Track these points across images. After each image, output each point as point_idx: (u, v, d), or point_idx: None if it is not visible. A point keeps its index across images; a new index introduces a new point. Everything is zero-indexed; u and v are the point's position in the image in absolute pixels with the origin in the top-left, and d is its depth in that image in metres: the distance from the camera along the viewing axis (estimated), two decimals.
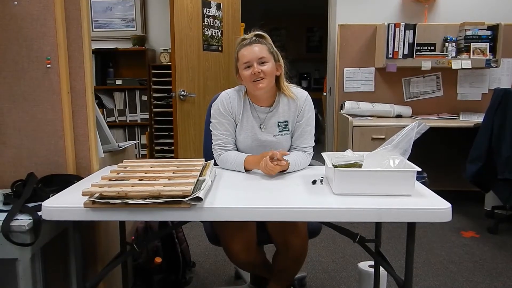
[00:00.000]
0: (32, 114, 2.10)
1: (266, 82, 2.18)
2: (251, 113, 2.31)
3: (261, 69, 2.16)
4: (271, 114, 2.30)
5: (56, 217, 1.62)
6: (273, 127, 2.30)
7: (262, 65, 2.17)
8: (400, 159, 1.82)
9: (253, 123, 2.29)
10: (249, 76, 2.18)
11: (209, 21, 4.35)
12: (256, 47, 2.19)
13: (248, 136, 2.29)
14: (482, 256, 3.40)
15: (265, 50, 2.19)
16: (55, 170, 2.12)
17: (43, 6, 2.02)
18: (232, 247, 2.18)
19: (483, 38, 4.52)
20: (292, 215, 1.63)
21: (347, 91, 4.95)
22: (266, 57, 2.18)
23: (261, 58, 2.17)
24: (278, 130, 2.30)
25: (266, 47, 2.21)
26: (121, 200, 1.55)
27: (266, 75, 2.17)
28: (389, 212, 1.58)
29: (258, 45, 2.20)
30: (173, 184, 1.65)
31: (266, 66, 2.18)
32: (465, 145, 4.19)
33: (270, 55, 2.20)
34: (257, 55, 2.17)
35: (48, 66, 2.06)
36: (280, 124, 2.29)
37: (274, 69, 2.22)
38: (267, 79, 2.18)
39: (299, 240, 2.19)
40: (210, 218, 1.63)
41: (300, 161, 2.21)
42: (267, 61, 2.18)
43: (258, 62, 2.17)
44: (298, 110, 2.30)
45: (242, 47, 2.22)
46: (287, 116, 2.30)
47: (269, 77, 2.19)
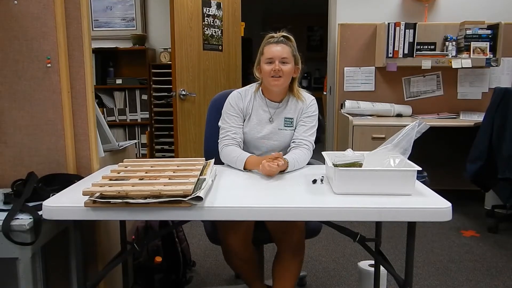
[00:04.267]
0: (32, 113, 2.10)
1: (282, 81, 2.33)
2: (262, 106, 2.43)
3: (281, 68, 2.29)
4: (280, 109, 2.43)
5: (56, 216, 1.62)
6: (280, 121, 2.42)
7: (283, 64, 2.30)
8: (401, 159, 1.82)
9: (263, 116, 2.42)
10: (269, 72, 2.31)
11: (209, 20, 4.35)
12: (281, 47, 2.33)
13: (256, 127, 2.41)
14: (482, 255, 3.40)
15: (288, 52, 2.33)
16: (55, 169, 2.12)
17: (43, 6, 2.02)
18: (229, 241, 2.22)
19: (483, 37, 4.52)
20: (292, 214, 1.64)
21: (347, 90, 4.95)
22: (288, 58, 2.32)
23: (284, 58, 2.30)
24: (283, 125, 2.41)
25: (290, 49, 2.35)
26: (121, 199, 1.55)
27: (284, 74, 2.31)
28: (390, 212, 1.58)
29: (284, 46, 2.33)
30: (174, 184, 1.65)
31: (287, 66, 2.31)
32: (465, 144, 4.19)
33: (292, 57, 2.34)
34: (280, 54, 2.30)
35: (49, 66, 2.06)
36: (287, 119, 2.41)
37: (292, 71, 2.36)
38: (284, 78, 2.32)
39: (297, 235, 2.21)
40: (210, 217, 1.63)
41: (299, 158, 2.25)
42: (288, 62, 2.32)
43: (280, 61, 2.30)
44: (304, 108, 2.43)
45: (269, 43, 2.36)
46: (293, 113, 2.42)
47: (286, 76, 2.33)
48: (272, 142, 2.40)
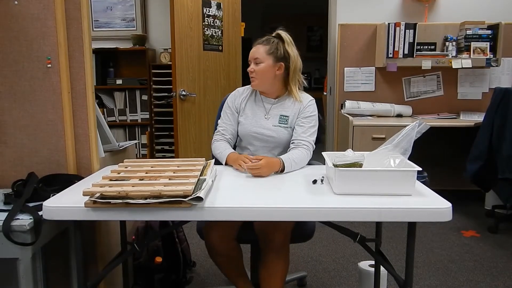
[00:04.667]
0: (32, 113, 2.10)
1: (257, 82, 2.40)
2: (258, 102, 2.49)
3: (254, 69, 2.37)
4: (275, 106, 2.46)
5: (57, 216, 1.62)
6: (275, 118, 2.44)
7: (256, 65, 2.37)
8: (401, 159, 1.82)
9: (258, 112, 2.47)
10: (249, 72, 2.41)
11: (209, 20, 4.35)
12: (256, 48, 2.38)
13: (251, 122, 2.45)
14: (483, 255, 3.40)
15: (262, 52, 2.36)
16: (55, 169, 2.13)
17: (43, 6, 2.02)
18: (210, 236, 2.25)
19: (484, 37, 4.52)
20: (293, 214, 1.64)
21: (347, 90, 4.95)
22: (260, 58, 2.36)
23: (255, 58, 2.37)
24: (278, 122, 2.42)
25: (265, 48, 2.37)
26: (122, 200, 1.55)
27: (258, 74, 2.37)
28: (390, 212, 1.58)
29: (259, 46, 2.38)
30: (174, 184, 1.65)
31: (259, 66, 2.36)
32: (466, 145, 4.19)
33: (267, 55, 2.36)
34: (253, 55, 2.38)
35: (49, 66, 2.06)
36: (282, 117, 2.43)
37: (270, 69, 2.37)
38: (259, 79, 2.38)
39: (279, 236, 2.20)
40: (211, 217, 1.63)
41: (297, 158, 2.25)
42: (261, 61, 2.36)
43: (254, 62, 2.38)
44: (301, 108, 2.43)
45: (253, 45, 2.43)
46: (289, 111, 2.43)
47: (259, 76, 2.38)
48: (266, 138, 2.41)
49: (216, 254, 2.30)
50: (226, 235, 2.26)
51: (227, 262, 2.33)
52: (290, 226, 2.23)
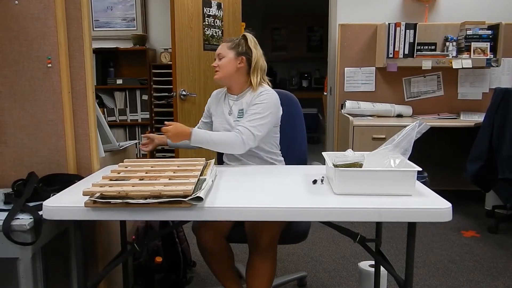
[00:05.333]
0: (32, 113, 2.10)
1: (220, 74, 2.49)
2: (225, 101, 2.59)
3: (217, 64, 2.49)
4: (237, 102, 2.53)
5: (57, 216, 1.62)
6: (236, 114, 2.51)
7: (219, 60, 2.49)
8: (401, 159, 1.82)
9: (224, 110, 2.56)
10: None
11: (209, 20, 4.35)
12: (220, 46, 2.52)
13: (220, 121, 2.56)
14: (483, 255, 3.40)
15: (224, 47, 2.50)
16: (56, 169, 2.12)
17: (43, 6, 2.02)
18: (199, 233, 2.29)
19: (484, 38, 4.52)
20: (293, 214, 1.64)
21: (347, 90, 4.95)
22: (222, 53, 2.48)
23: (218, 54, 2.50)
24: (237, 117, 2.50)
25: (227, 44, 2.50)
26: (122, 199, 1.55)
27: (220, 68, 2.48)
28: (390, 212, 1.58)
29: (223, 44, 2.52)
30: (174, 184, 1.65)
31: (221, 60, 2.48)
32: (466, 145, 4.19)
33: (229, 50, 2.48)
34: (217, 52, 2.52)
35: (49, 66, 2.06)
36: (240, 111, 2.50)
37: (232, 62, 2.47)
38: (221, 71, 2.48)
39: (266, 237, 2.20)
40: (210, 217, 1.63)
41: (217, 138, 2.33)
42: (223, 56, 2.48)
43: (218, 58, 2.50)
44: (254, 97, 2.46)
45: None
46: (246, 106, 2.48)
47: (222, 70, 2.48)
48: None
49: (206, 253, 2.32)
50: (217, 234, 2.29)
51: (217, 261, 2.34)
52: (277, 228, 2.24)
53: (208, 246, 2.29)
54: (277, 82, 9.40)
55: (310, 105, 8.09)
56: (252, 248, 2.27)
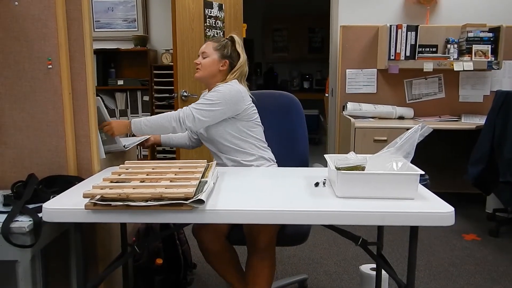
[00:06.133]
0: (33, 114, 2.09)
1: (201, 73, 2.51)
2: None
3: (200, 62, 2.50)
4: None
5: (56, 219, 1.61)
6: None
7: (203, 58, 2.50)
8: (403, 162, 1.81)
9: None
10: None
11: (211, 21, 4.34)
12: (206, 45, 2.53)
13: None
14: (483, 259, 3.39)
15: (210, 47, 2.50)
16: (56, 171, 2.11)
17: (44, 7, 2.01)
18: (200, 234, 2.28)
19: (485, 40, 4.52)
20: (294, 217, 1.62)
21: (349, 92, 4.95)
22: (207, 52, 2.49)
23: (203, 52, 2.50)
24: None
25: (213, 45, 2.51)
26: (122, 202, 1.54)
27: (202, 66, 2.49)
28: (392, 216, 1.57)
29: (209, 43, 2.53)
30: (175, 186, 1.64)
31: (205, 60, 2.49)
32: (467, 147, 4.18)
33: (214, 51, 2.49)
34: (201, 50, 2.52)
35: (49, 67, 2.05)
36: None
37: (214, 64, 2.49)
38: (202, 70, 2.50)
39: (264, 239, 2.20)
40: (212, 220, 1.61)
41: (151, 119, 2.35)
42: (207, 55, 2.49)
43: (201, 56, 2.51)
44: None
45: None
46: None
47: (204, 68, 2.49)
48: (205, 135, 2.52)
49: (209, 254, 2.32)
50: (217, 235, 2.28)
51: (220, 261, 2.33)
52: (275, 229, 2.24)
53: (210, 247, 2.28)
54: (278, 83, 9.40)
55: (312, 106, 8.08)
56: (250, 249, 2.27)
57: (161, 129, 2.36)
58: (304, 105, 2.87)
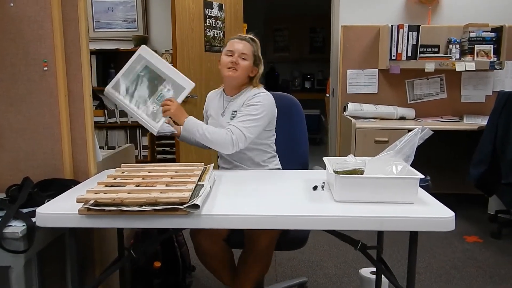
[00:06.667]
0: (29, 117, 2.07)
1: (237, 74, 2.40)
2: (220, 100, 2.55)
3: (239, 62, 2.39)
4: (231, 103, 2.48)
5: (50, 224, 1.59)
6: (229, 115, 2.46)
7: (242, 60, 2.40)
8: (403, 165, 1.78)
9: (217, 110, 2.53)
10: (227, 63, 2.40)
11: (211, 21, 4.32)
12: (244, 44, 2.42)
13: (213, 121, 2.54)
14: (485, 261, 3.35)
15: (249, 50, 2.42)
16: (52, 174, 2.09)
17: (39, 8, 1.99)
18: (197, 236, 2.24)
19: (487, 40, 4.48)
20: (292, 223, 1.60)
21: (350, 92, 4.91)
22: (247, 55, 2.41)
23: (243, 53, 2.40)
24: (229, 118, 2.44)
25: (252, 48, 2.44)
26: (116, 207, 1.52)
27: (240, 68, 2.39)
28: (391, 221, 1.55)
29: (246, 44, 2.43)
30: (171, 191, 1.61)
31: (244, 62, 2.40)
32: (469, 148, 4.15)
33: (252, 56, 2.43)
34: (241, 49, 2.40)
35: (45, 69, 2.02)
36: (233, 113, 2.44)
37: (250, 69, 2.43)
38: (239, 71, 2.39)
39: (263, 242, 2.18)
40: (208, 225, 1.59)
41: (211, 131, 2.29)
42: (247, 58, 2.40)
43: (240, 56, 2.39)
44: (248, 98, 2.41)
45: (235, 38, 2.47)
46: (238, 107, 2.43)
47: (242, 71, 2.40)
48: None
49: (205, 257, 2.29)
50: (215, 237, 2.25)
51: (216, 263, 2.32)
52: (276, 233, 2.22)
53: (207, 250, 2.26)
54: (280, 83, 9.37)
55: (313, 106, 8.05)
56: (248, 250, 2.26)
57: (210, 143, 2.31)
58: (305, 105, 2.84)
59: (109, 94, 2.43)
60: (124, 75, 2.46)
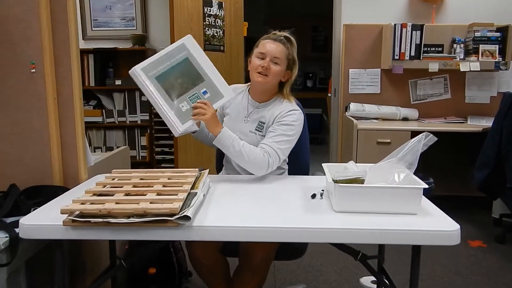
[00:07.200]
0: (16, 121, 1.99)
1: (267, 80, 2.21)
2: (243, 103, 2.35)
3: (270, 66, 2.19)
4: (258, 110, 2.31)
5: (33, 235, 1.52)
6: (253, 123, 2.29)
7: (274, 64, 2.20)
8: (406, 173, 1.70)
9: (240, 113, 2.34)
10: (257, 66, 2.20)
11: (210, 20, 4.24)
12: (277, 45, 2.21)
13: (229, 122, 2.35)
14: (490, 267, 3.27)
15: (283, 53, 2.21)
16: (40, 180, 2.01)
17: (27, 8, 1.91)
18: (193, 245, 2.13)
19: (492, 40, 4.39)
20: (288, 235, 1.52)
21: (352, 92, 4.83)
22: (280, 59, 2.20)
23: (276, 57, 2.19)
24: (255, 128, 2.28)
25: (286, 51, 2.23)
26: (103, 218, 1.44)
27: (271, 74, 2.20)
28: (393, 234, 1.47)
29: (280, 45, 2.22)
30: (161, 201, 1.53)
31: (276, 67, 2.20)
32: (473, 150, 4.06)
33: (285, 59, 2.23)
34: (274, 52, 2.19)
35: (33, 71, 1.95)
36: (260, 123, 2.28)
37: (282, 74, 2.24)
38: (269, 77, 2.21)
39: (260, 255, 2.07)
40: (199, 237, 1.52)
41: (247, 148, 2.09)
42: (279, 63, 2.20)
43: (272, 59, 2.19)
44: (280, 114, 2.23)
45: (268, 38, 2.26)
46: (268, 118, 2.26)
47: (272, 77, 2.21)
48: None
49: (199, 267, 2.20)
50: (210, 248, 2.14)
51: (212, 275, 2.23)
52: (274, 246, 2.12)
53: (202, 261, 2.16)
54: None
55: (315, 105, 7.98)
56: (243, 263, 2.17)
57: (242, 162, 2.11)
58: (307, 104, 2.74)
59: (136, 75, 2.11)
60: (158, 60, 2.11)
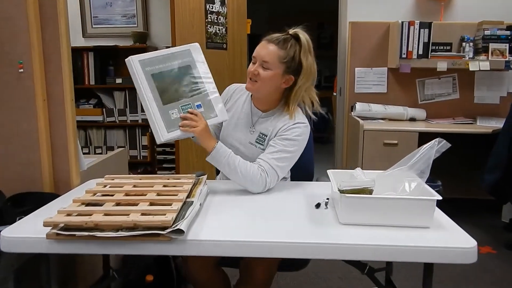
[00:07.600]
0: (3, 123, 1.89)
1: (256, 86, 1.98)
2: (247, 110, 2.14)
3: (258, 71, 1.95)
4: (262, 120, 2.09)
5: (15, 248, 1.41)
6: (255, 135, 2.08)
7: (263, 68, 1.94)
8: (417, 183, 1.59)
9: (243, 120, 2.13)
10: (248, 72, 1.99)
11: (212, 17, 4.13)
12: (269, 48, 1.96)
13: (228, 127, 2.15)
14: (500, 276, 3.15)
15: (274, 56, 1.94)
16: (28, 186, 1.91)
17: (14, 5, 1.80)
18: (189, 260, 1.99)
19: (502, 39, 4.26)
20: (290, 251, 1.40)
21: (358, 92, 4.72)
22: (270, 63, 1.94)
23: (264, 61, 1.94)
24: (255, 140, 2.07)
25: (281, 53, 1.95)
26: (88, 232, 1.33)
27: (261, 79, 1.95)
28: (403, 251, 1.35)
29: (274, 47, 1.96)
30: (153, 212, 1.42)
31: (266, 72, 1.94)
32: (482, 151, 3.94)
33: (278, 63, 1.95)
34: (262, 56, 1.95)
35: (21, 71, 1.84)
36: (261, 135, 2.07)
37: (277, 79, 1.97)
38: (258, 84, 1.97)
39: (264, 269, 1.93)
40: (194, 252, 1.40)
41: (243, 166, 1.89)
42: (269, 67, 1.94)
43: (261, 65, 1.95)
44: (282, 128, 2.01)
45: (265, 39, 2.01)
46: (271, 131, 2.05)
47: (262, 83, 1.96)
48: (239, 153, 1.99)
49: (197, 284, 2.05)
50: (206, 262, 1.99)
51: None
52: (276, 262, 1.97)
53: (198, 276, 2.02)
54: None
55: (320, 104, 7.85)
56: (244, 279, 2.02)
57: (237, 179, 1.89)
58: None
59: (132, 66, 1.96)
60: (159, 58, 1.97)
